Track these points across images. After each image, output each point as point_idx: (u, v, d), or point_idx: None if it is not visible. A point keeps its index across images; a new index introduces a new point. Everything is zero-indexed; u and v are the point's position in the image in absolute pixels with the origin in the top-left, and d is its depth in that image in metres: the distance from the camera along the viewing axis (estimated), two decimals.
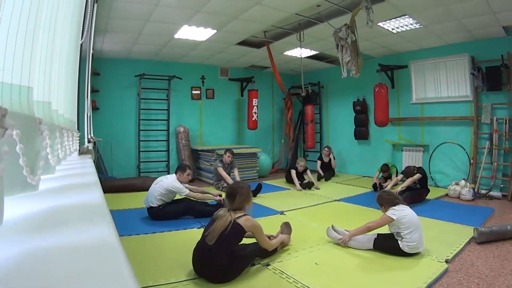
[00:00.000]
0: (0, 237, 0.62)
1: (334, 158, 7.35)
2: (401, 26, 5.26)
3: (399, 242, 2.81)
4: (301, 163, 6.42)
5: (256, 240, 2.60)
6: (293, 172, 6.41)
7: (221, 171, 5.66)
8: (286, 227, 3.12)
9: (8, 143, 0.62)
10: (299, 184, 6.15)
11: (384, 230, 3.03)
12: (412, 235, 2.77)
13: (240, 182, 2.94)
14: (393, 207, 2.91)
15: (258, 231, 2.54)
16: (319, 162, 7.27)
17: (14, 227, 0.69)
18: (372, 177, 6.41)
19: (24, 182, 0.84)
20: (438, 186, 6.14)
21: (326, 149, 7.39)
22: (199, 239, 2.50)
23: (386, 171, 6.03)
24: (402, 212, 2.85)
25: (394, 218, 2.82)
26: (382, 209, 3.03)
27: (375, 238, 2.96)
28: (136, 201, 4.74)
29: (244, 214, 2.47)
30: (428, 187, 5.11)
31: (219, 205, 4.18)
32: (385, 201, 3.00)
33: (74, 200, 1.01)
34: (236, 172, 5.93)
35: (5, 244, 0.60)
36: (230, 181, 5.57)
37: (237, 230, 2.39)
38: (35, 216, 0.79)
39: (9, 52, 0.80)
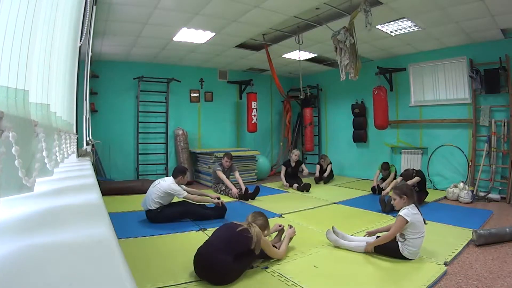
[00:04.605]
0: None
1: (332, 170, 7.28)
2: (400, 29, 5.28)
3: (400, 244, 2.79)
4: (295, 152, 6.64)
5: (267, 253, 2.70)
6: (283, 170, 6.55)
7: (220, 174, 5.63)
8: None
9: (4, 144, 0.62)
10: (297, 186, 6.22)
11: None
12: (416, 240, 2.76)
13: None
14: (407, 208, 2.80)
15: (267, 245, 2.68)
16: (318, 167, 7.27)
17: (9, 227, 0.68)
18: (370, 180, 6.41)
19: (21, 183, 0.84)
20: (436, 189, 6.14)
21: (324, 157, 7.41)
22: (208, 238, 2.61)
23: (387, 169, 6.03)
24: (415, 216, 2.78)
25: (408, 220, 2.73)
26: (397, 199, 2.88)
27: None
28: (135, 203, 4.72)
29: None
30: (427, 189, 5.11)
31: (217, 208, 4.18)
32: (408, 193, 2.87)
33: (71, 201, 1.00)
34: (237, 174, 5.83)
35: None
36: (230, 184, 5.55)
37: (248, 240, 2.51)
38: (31, 216, 0.78)
39: (5, 55, 0.80)
